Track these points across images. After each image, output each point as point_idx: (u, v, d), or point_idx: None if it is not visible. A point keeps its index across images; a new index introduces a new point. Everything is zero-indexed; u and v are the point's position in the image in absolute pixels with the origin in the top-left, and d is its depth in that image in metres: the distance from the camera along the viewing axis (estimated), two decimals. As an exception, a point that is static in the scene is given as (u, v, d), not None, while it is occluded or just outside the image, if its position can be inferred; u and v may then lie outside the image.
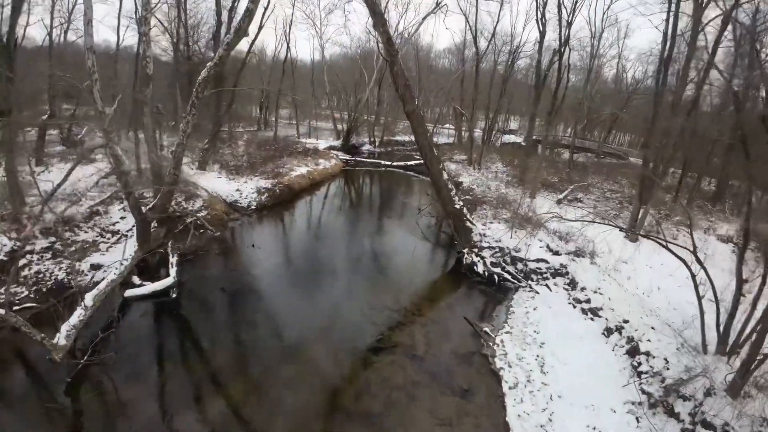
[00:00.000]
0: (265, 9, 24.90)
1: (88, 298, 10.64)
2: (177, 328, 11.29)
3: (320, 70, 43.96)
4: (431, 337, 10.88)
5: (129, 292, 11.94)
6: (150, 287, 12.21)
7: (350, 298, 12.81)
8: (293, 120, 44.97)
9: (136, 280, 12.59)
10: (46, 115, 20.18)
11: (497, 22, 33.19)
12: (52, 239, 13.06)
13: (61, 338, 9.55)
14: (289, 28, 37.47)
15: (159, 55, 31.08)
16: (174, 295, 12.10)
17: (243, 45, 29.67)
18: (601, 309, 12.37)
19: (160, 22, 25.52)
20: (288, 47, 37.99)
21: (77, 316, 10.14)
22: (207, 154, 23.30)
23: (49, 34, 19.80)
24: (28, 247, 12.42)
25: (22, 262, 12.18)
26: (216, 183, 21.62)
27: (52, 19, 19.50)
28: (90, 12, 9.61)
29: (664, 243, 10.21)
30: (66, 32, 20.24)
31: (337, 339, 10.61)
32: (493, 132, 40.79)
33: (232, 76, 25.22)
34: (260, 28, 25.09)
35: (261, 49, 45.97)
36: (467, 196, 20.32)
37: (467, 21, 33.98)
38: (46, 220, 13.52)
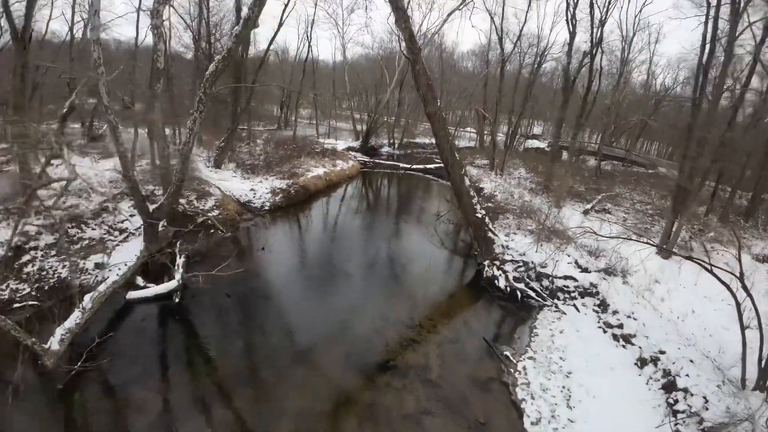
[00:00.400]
0: (285, 5, 24.45)
1: (87, 300, 10.19)
2: (179, 334, 10.74)
3: (341, 70, 43.52)
4: (446, 358, 9.99)
5: (131, 294, 11.46)
6: (153, 290, 11.71)
7: (362, 309, 12.03)
8: (313, 120, 44.66)
9: (140, 281, 12.14)
10: (65, 109, 20.12)
11: (524, 23, 31.91)
12: (58, 235, 12.73)
13: (54, 342, 9.09)
14: (311, 27, 36.99)
15: (183, 52, 31.17)
16: (177, 300, 11.54)
17: (263, 44, 29.41)
18: (634, 336, 11.27)
19: (183, 19, 25.47)
20: (309, 46, 37.69)
21: (74, 318, 9.68)
22: (223, 152, 22.94)
23: (71, 28, 19.79)
24: (32, 243, 12.11)
25: (25, 258, 11.88)
26: (230, 182, 21.23)
27: (73, 13, 19.50)
28: (96, 2, 9.15)
29: (708, 267, 9.21)
30: (87, 26, 20.15)
31: (345, 355, 9.85)
32: (517, 136, 39.45)
33: (251, 74, 24.83)
34: (280, 24, 24.68)
35: (284, 49, 45.93)
36: (489, 204, 19.31)
37: (493, 21, 32.88)
38: (54, 215, 13.28)
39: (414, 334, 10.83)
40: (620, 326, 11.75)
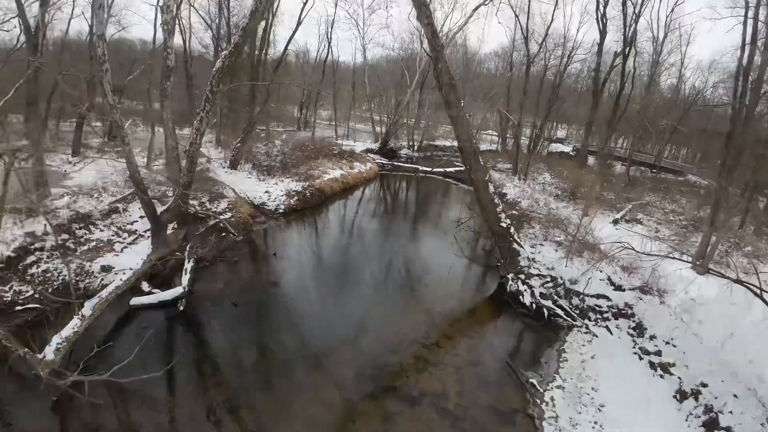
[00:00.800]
0: (304, 4, 23.99)
1: (87, 307, 9.73)
2: (183, 344, 10.22)
3: (361, 71, 42.99)
4: (465, 384, 9.10)
5: (135, 300, 10.98)
6: (157, 296, 11.21)
7: (376, 324, 11.24)
8: (333, 121, 44.27)
9: (145, 286, 11.66)
10: (84, 108, 20.06)
11: (551, 21, 30.59)
12: (65, 236, 12.42)
13: (49, 352, 8.65)
14: (331, 28, 36.54)
15: (204, 53, 31.16)
16: (181, 307, 11.01)
17: (281, 44, 29.05)
18: (673, 365, 10.21)
19: (203, 18, 25.33)
20: (329, 47, 37.22)
21: (72, 327, 9.23)
22: (239, 153, 22.59)
23: (90, 27, 19.67)
24: (37, 244, 11.80)
25: (30, 258, 11.58)
26: (245, 183, 20.81)
27: (93, 12, 19.29)
28: (102, -6, 8.73)
29: (758, 292, 8.25)
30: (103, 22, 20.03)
31: (355, 376, 9.08)
32: (541, 140, 38.03)
33: (270, 74, 24.45)
34: (299, 23, 24.24)
35: (305, 51, 45.64)
36: (513, 211, 18.21)
37: (518, 19, 31.67)
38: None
39: (430, 355, 9.98)
40: (658, 353, 10.67)
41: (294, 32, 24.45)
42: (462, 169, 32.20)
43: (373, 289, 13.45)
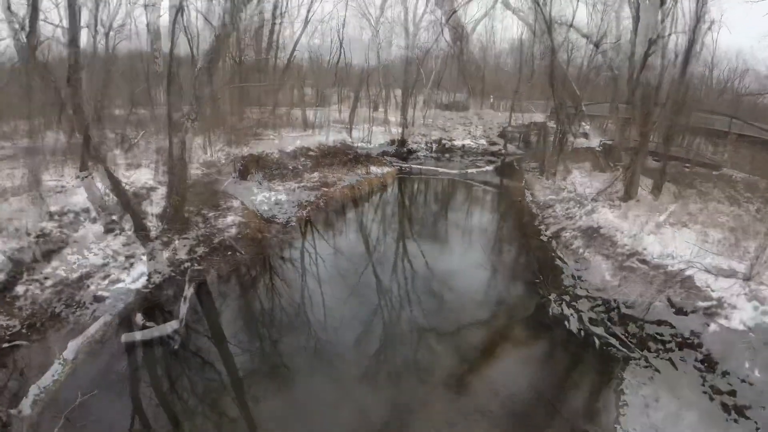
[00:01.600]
0: (311, 3, 22.76)
1: (70, 349, 8.65)
2: (179, 390, 9.01)
3: (375, 71, 41.52)
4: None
5: (126, 337, 9.81)
6: (151, 331, 10.03)
7: (397, 359, 9.77)
8: (347, 124, 43.00)
9: (139, 318, 10.50)
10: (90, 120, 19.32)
11: (575, 9, 28.44)
12: (56, 263, 11.44)
13: (25, 406, 7.58)
14: (343, 28, 35.16)
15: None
16: (176, 346, 9.81)
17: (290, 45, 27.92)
18: (749, 407, 8.49)
19: (209, 22, 24.37)
20: (341, 47, 35.84)
21: (52, 374, 8.15)
22: (249, 162, 21.52)
23: (93, 37, 18.81)
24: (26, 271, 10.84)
25: (18, 289, 10.61)
26: (254, 194, 19.67)
27: (96, 24, 18.46)
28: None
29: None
30: (107, 36, 19.17)
31: None
32: (568, 136, 35.69)
33: (278, 77, 23.31)
34: (306, 23, 23.06)
35: (319, 54, 44.41)
36: (549, 218, 16.29)
37: (540, 8, 29.51)
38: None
39: (462, 401, 8.42)
40: (732, 393, 8.90)
41: (301, 33, 23.34)
42: (486, 170, 30.28)
43: (394, 313, 11.99)
